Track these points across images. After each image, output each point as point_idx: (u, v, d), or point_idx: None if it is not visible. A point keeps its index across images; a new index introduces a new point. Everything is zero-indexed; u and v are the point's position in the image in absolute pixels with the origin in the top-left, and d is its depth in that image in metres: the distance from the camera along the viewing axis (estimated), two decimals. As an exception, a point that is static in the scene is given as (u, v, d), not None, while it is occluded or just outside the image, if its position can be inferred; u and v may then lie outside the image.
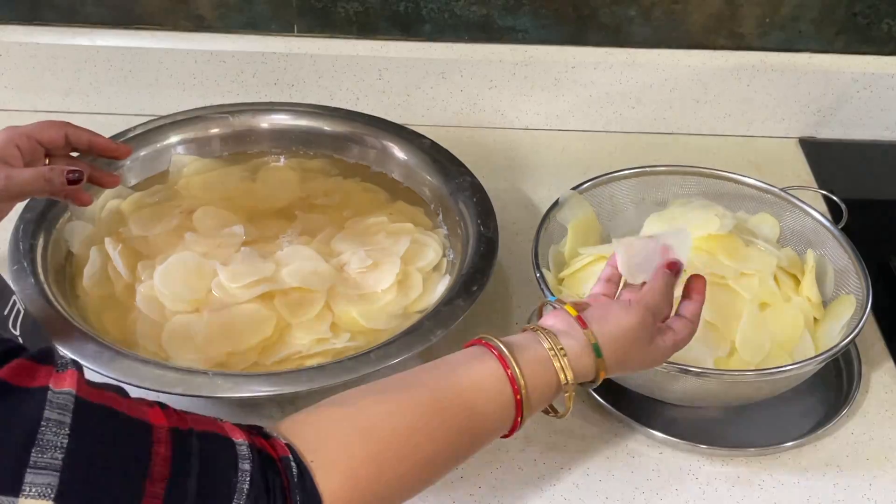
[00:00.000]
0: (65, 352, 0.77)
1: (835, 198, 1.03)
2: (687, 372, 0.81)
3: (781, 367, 0.83)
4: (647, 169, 1.02)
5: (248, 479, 0.55)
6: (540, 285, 0.89)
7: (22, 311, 0.71)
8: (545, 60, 1.22)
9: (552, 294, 0.87)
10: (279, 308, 0.93)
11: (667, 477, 0.86)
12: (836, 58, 1.23)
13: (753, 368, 0.85)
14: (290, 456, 0.58)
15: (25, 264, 0.92)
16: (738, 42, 1.22)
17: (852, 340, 0.85)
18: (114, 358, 0.83)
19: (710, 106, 1.26)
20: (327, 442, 0.60)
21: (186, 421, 0.55)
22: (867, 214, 1.04)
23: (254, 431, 0.59)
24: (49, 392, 0.50)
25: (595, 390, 0.90)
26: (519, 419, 0.68)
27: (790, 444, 0.88)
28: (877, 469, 0.87)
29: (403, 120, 1.19)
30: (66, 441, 0.49)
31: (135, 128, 1.10)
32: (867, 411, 0.92)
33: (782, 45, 1.22)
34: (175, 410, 0.56)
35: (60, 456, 0.48)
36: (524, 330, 0.71)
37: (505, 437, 0.70)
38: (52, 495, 0.47)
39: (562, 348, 0.69)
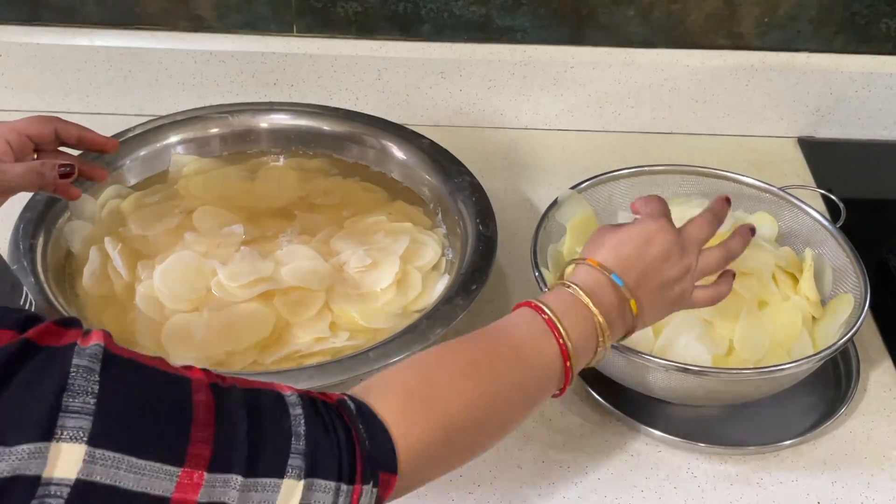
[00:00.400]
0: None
1: (833, 197, 1.03)
2: (686, 370, 0.81)
3: (780, 365, 0.83)
4: (646, 168, 1.02)
5: (302, 421, 0.54)
6: (539, 284, 0.89)
7: (34, 304, 0.71)
8: (544, 60, 1.22)
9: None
10: (278, 307, 0.93)
11: (665, 475, 0.86)
12: (835, 57, 1.23)
13: (752, 367, 0.85)
14: (346, 398, 0.59)
15: (25, 263, 0.92)
16: (737, 42, 1.22)
17: (850, 339, 0.85)
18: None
19: (709, 105, 1.26)
20: (378, 380, 0.62)
21: (227, 380, 0.55)
22: (865, 213, 1.04)
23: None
24: (76, 346, 0.49)
25: (595, 389, 0.90)
26: (559, 340, 0.68)
27: (789, 442, 0.88)
28: (875, 467, 0.88)
29: (403, 120, 1.19)
30: (96, 387, 0.48)
31: (134, 128, 1.10)
32: (865, 410, 0.93)
33: (781, 44, 1.22)
34: (216, 373, 0.55)
35: (92, 401, 0.47)
36: None
37: (559, 393, 0.70)
38: (85, 438, 0.46)
39: (572, 281, 0.72)
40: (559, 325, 0.68)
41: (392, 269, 0.97)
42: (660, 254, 0.74)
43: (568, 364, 0.68)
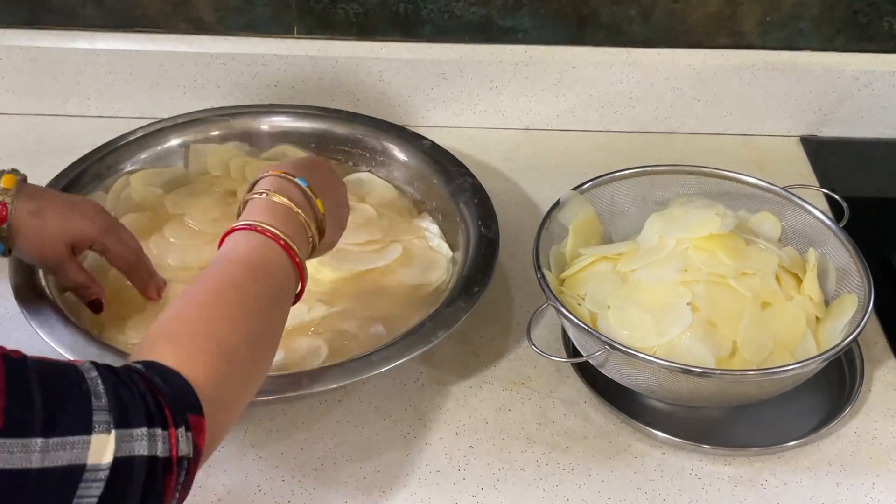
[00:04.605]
0: None
1: (836, 196, 1.03)
2: (689, 372, 0.81)
3: (783, 366, 0.82)
4: (648, 168, 1.02)
5: (99, 381, 0.55)
6: (541, 285, 0.89)
7: None
8: (545, 60, 1.22)
9: (555, 296, 0.87)
10: None
11: (669, 477, 0.86)
12: (837, 56, 1.23)
13: (755, 368, 0.85)
14: (131, 363, 0.61)
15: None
16: (739, 41, 1.22)
17: (854, 339, 0.84)
18: (116, 361, 0.83)
19: (711, 105, 1.26)
20: (143, 341, 0.64)
21: (18, 353, 0.55)
22: (869, 212, 1.04)
23: None
24: None
25: (598, 392, 0.90)
26: (280, 242, 0.72)
27: (792, 443, 0.88)
28: (880, 468, 0.87)
29: (404, 121, 1.19)
30: None
31: (135, 131, 1.10)
32: (870, 410, 0.92)
33: (783, 43, 1.22)
34: (8, 348, 0.56)
35: None
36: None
37: (301, 290, 0.75)
38: None
39: (260, 189, 0.76)
40: (274, 230, 0.72)
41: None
42: (330, 173, 0.83)
43: (297, 260, 0.73)
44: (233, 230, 0.73)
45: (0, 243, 0.84)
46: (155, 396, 0.57)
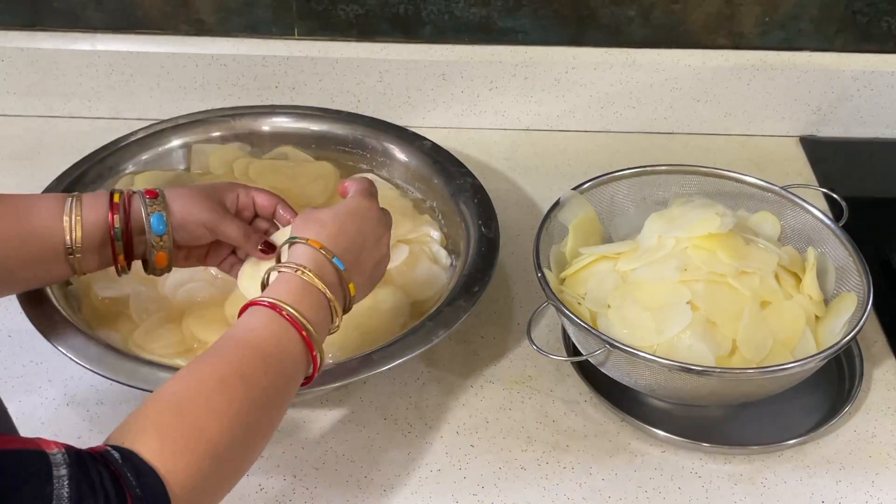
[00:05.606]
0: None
1: (835, 196, 1.03)
2: (689, 370, 0.81)
3: (783, 364, 0.83)
4: (648, 168, 1.02)
5: (66, 483, 0.52)
6: (542, 285, 0.89)
7: None
8: (545, 61, 1.22)
9: (555, 295, 0.88)
10: None
11: (669, 475, 0.86)
12: (836, 56, 1.23)
13: (755, 366, 0.85)
14: (109, 448, 0.57)
15: None
16: (738, 41, 1.22)
17: (854, 338, 0.85)
18: (118, 360, 0.84)
19: (711, 105, 1.26)
20: (133, 422, 0.61)
21: None
22: (868, 212, 1.04)
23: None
24: None
25: (598, 390, 0.90)
26: (302, 333, 0.68)
27: (792, 441, 0.88)
28: (880, 466, 0.88)
29: (404, 122, 1.20)
30: None
31: (136, 132, 1.10)
32: (869, 408, 0.93)
33: (782, 43, 1.22)
34: None
35: None
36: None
37: (307, 381, 0.71)
38: None
39: (297, 263, 0.72)
40: (299, 318, 0.68)
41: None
42: (372, 233, 0.77)
43: (314, 353, 0.69)
44: (256, 304, 0.69)
45: (160, 214, 0.80)
46: (123, 500, 0.54)
